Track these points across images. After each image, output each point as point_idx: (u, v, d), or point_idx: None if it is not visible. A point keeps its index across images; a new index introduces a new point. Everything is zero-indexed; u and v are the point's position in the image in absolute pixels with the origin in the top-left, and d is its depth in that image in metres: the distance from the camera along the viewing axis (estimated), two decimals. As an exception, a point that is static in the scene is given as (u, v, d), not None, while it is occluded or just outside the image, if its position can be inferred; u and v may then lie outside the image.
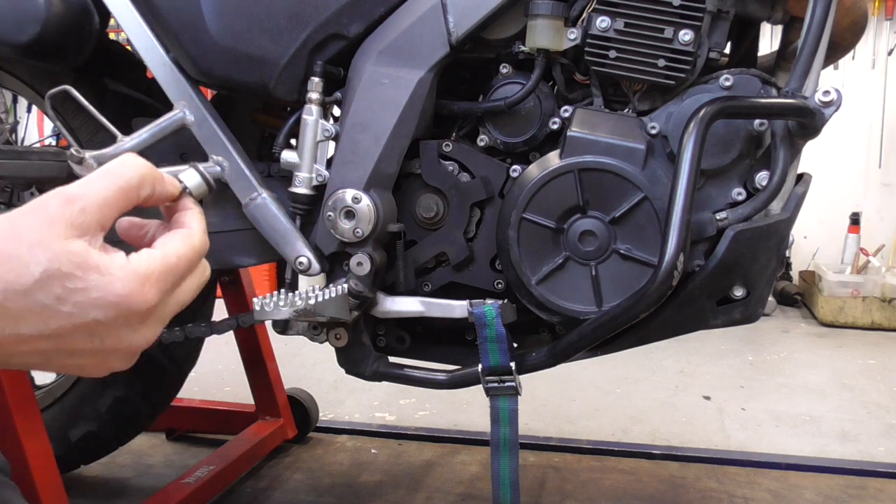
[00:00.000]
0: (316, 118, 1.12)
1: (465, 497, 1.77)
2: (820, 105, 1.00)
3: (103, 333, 0.47)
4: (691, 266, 1.06)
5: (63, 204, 0.46)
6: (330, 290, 1.08)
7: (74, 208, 0.46)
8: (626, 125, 1.06)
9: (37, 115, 3.62)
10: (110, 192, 0.48)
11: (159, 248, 0.50)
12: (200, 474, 1.68)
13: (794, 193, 1.07)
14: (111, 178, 0.48)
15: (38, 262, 0.44)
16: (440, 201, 1.14)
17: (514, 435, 1.11)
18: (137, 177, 0.50)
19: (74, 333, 0.46)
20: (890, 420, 2.38)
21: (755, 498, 1.78)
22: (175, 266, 0.50)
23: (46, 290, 0.44)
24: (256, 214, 1.16)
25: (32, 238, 0.44)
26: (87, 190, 0.47)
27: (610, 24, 1.03)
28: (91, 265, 0.45)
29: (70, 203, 0.46)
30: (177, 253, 0.50)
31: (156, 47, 1.17)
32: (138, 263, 0.48)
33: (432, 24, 1.08)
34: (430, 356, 1.24)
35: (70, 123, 1.29)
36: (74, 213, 0.46)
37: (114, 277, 0.46)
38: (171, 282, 0.50)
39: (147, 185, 0.51)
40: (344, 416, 2.33)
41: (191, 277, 0.52)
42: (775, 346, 3.31)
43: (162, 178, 0.53)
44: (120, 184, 0.48)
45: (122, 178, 0.49)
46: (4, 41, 1.17)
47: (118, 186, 0.48)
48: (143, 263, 0.48)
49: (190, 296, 0.52)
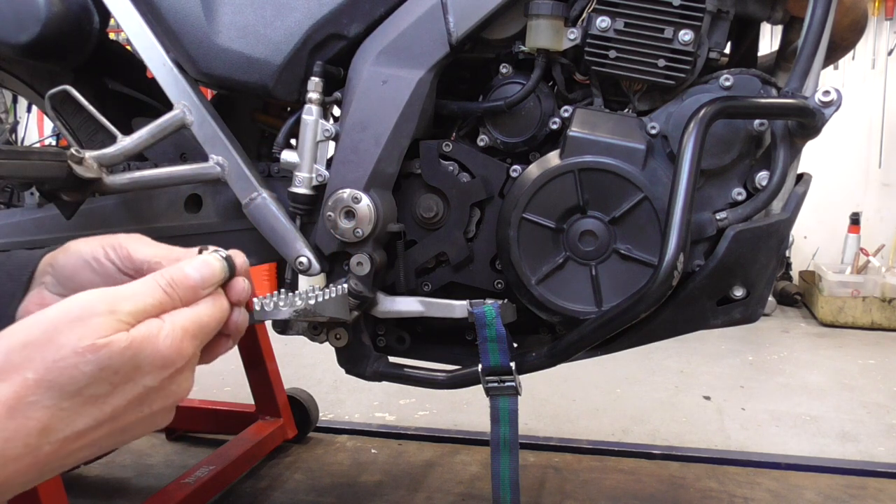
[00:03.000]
0: (316, 118, 1.12)
1: (465, 497, 1.77)
2: (820, 105, 1.00)
3: (153, 398, 0.50)
4: (691, 266, 1.06)
5: (107, 313, 0.47)
6: (330, 290, 1.07)
7: (112, 317, 0.47)
8: (626, 125, 1.06)
9: (37, 115, 3.63)
10: (146, 300, 0.50)
11: (194, 307, 0.53)
12: (200, 474, 1.68)
13: (794, 193, 1.07)
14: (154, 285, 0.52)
15: (88, 363, 0.45)
16: (440, 201, 1.14)
17: (514, 435, 1.11)
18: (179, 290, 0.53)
19: (128, 409, 0.49)
20: (890, 420, 2.38)
21: (755, 498, 1.78)
22: (207, 324, 0.53)
23: (100, 383, 0.46)
24: (256, 214, 1.16)
25: (76, 342, 0.46)
26: (119, 297, 0.49)
27: (610, 24, 1.03)
28: (136, 347, 0.47)
29: (109, 313, 0.47)
30: (210, 313, 0.54)
31: (156, 47, 1.17)
32: (174, 321, 0.51)
33: (432, 24, 1.08)
34: (430, 356, 1.24)
35: (70, 123, 1.29)
36: (112, 321, 0.47)
37: (158, 344, 0.49)
38: (204, 335, 0.53)
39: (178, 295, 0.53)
40: (344, 416, 2.33)
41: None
42: (775, 346, 3.31)
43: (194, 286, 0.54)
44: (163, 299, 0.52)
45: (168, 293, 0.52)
46: (4, 41, 1.17)
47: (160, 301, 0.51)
48: (178, 320, 0.51)
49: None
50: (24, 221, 1.30)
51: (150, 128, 1.16)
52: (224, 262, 0.56)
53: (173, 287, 0.52)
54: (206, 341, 0.53)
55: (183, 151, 1.27)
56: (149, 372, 0.48)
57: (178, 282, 0.52)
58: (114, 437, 0.49)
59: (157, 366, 0.49)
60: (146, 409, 0.50)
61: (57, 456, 0.46)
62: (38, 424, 0.44)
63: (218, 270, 0.55)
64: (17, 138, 3.17)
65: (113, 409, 0.47)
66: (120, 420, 0.48)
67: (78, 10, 1.21)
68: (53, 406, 0.45)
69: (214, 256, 0.56)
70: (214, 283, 0.54)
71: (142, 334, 0.48)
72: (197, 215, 1.24)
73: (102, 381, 0.46)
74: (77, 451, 0.47)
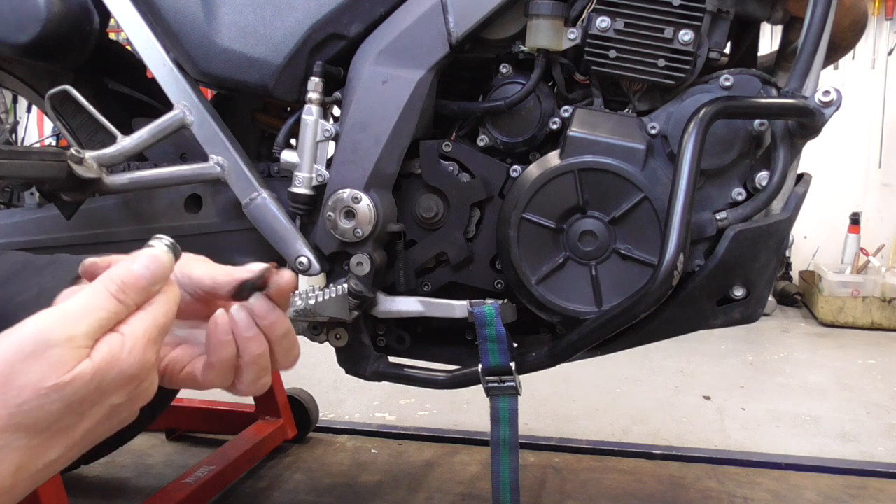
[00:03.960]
0: (316, 118, 1.12)
1: (465, 497, 1.77)
2: (820, 105, 1.00)
3: (121, 410, 0.49)
4: (691, 266, 1.06)
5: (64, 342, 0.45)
6: (330, 290, 1.08)
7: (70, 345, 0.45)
8: (626, 125, 1.06)
9: (37, 115, 3.62)
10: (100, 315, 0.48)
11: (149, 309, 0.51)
12: (200, 474, 1.68)
13: (794, 193, 1.07)
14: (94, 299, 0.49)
15: (54, 402, 0.44)
16: (440, 201, 1.14)
17: (514, 435, 1.11)
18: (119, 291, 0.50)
19: (98, 427, 0.48)
20: (890, 420, 2.38)
21: (755, 498, 1.78)
22: (164, 324, 0.51)
23: (69, 416, 0.46)
24: (256, 214, 1.16)
25: (37, 382, 0.44)
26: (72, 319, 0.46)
27: (610, 24, 1.03)
28: (100, 374, 0.46)
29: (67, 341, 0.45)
30: (164, 311, 0.51)
31: (156, 47, 1.17)
32: (134, 333, 0.49)
33: (432, 24, 1.08)
34: (430, 356, 1.24)
35: (70, 123, 1.29)
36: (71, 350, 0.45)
37: (122, 363, 0.47)
38: (162, 336, 0.51)
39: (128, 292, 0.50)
40: (344, 416, 2.33)
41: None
42: (775, 346, 3.31)
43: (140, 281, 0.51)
44: (108, 306, 0.49)
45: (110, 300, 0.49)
46: (4, 41, 1.17)
47: (106, 309, 0.48)
48: (138, 331, 0.49)
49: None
50: (24, 221, 1.30)
51: (150, 128, 1.16)
52: (170, 252, 0.53)
53: (124, 292, 0.49)
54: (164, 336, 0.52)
55: (183, 151, 1.27)
56: (115, 392, 0.48)
57: (129, 285, 0.50)
58: (82, 449, 0.49)
59: (124, 384, 0.48)
60: (115, 420, 0.50)
61: (32, 483, 0.46)
62: (10, 467, 0.44)
63: (167, 264, 0.52)
64: (17, 138, 3.17)
65: (83, 433, 0.47)
66: (89, 437, 0.48)
67: (78, 11, 1.21)
68: (24, 446, 0.44)
69: (160, 248, 0.53)
70: (165, 278, 0.52)
71: (104, 359, 0.46)
72: (197, 215, 1.24)
73: (71, 414, 0.46)
74: (50, 474, 0.47)
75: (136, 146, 1.16)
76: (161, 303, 0.51)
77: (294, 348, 0.60)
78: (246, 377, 0.58)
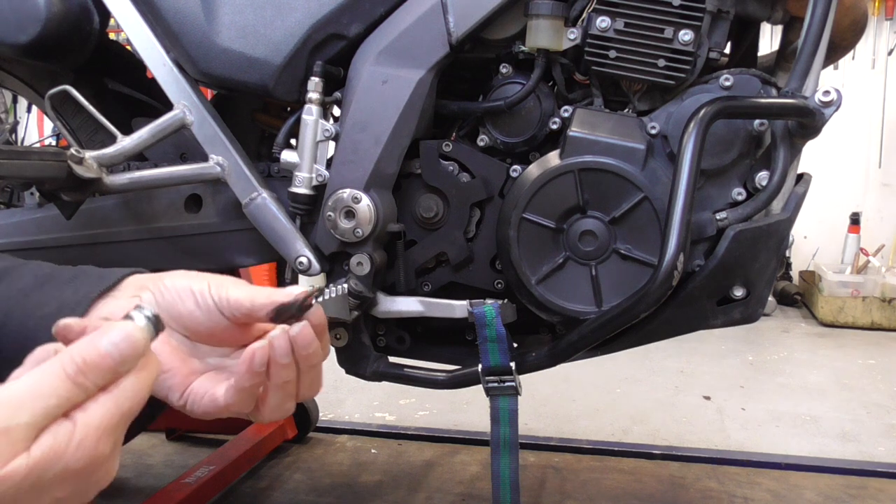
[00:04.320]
0: (316, 118, 1.12)
1: (465, 497, 1.77)
2: (820, 105, 1.00)
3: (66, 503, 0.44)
4: (691, 266, 1.06)
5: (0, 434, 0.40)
6: (330, 290, 1.08)
7: (6, 439, 0.40)
8: (626, 125, 1.06)
9: (37, 115, 3.62)
10: (49, 402, 0.42)
11: (113, 393, 0.44)
12: (200, 474, 1.68)
13: (794, 193, 1.07)
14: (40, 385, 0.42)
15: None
16: (440, 201, 1.14)
17: (514, 435, 1.11)
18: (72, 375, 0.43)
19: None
20: (890, 420, 2.38)
21: (755, 498, 1.78)
22: (129, 410, 0.45)
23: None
24: (256, 214, 1.16)
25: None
26: (15, 405, 0.41)
27: (610, 24, 1.03)
28: (38, 470, 0.40)
29: (2, 434, 0.40)
30: (130, 396, 0.45)
31: (156, 47, 1.17)
32: (88, 423, 0.42)
33: (432, 24, 1.08)
34: (430, 356, 1.24)
35: (70, 123, 1.29)
36: (6, 445, 0.40)
37: (67, 458, 0.41)
38: (125, 424, 0.45)
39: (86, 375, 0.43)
40: (344, 416, 2.33)
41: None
42: (775, 346, 3.31)
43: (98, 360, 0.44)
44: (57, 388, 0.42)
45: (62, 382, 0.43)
46: (4, 41, 1.17)
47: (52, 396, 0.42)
48: (93, 420, 0.43)
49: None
50: (24, 221, 1.29)
51: (150, 128, 1.16)
52: (149, 327, 0.46)
53: (84, 374, 0.43)
54: (129, 422, 0.45)
55: (183, 151, 1.27)
56: (57, 486, 0.42)
57: (91, 365, 0.43)
58: None
59: (68, 479, 0.42)
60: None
61: None
62: None
63: (140, 344, 0.45)
64: (17, 138, 3.17)
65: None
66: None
67: (78, 11, 1.21)
68: None
69: (137, 324, 0.46)
70: (135, 358, 0.45)
71: (44, 455, 0.40)
72: (197, 215, 1.24)
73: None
74: None
75: (136, 146, 1.15)
76: (128, 386, 0.45)
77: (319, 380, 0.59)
78: (271, 402, 0.56)
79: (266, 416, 0.57)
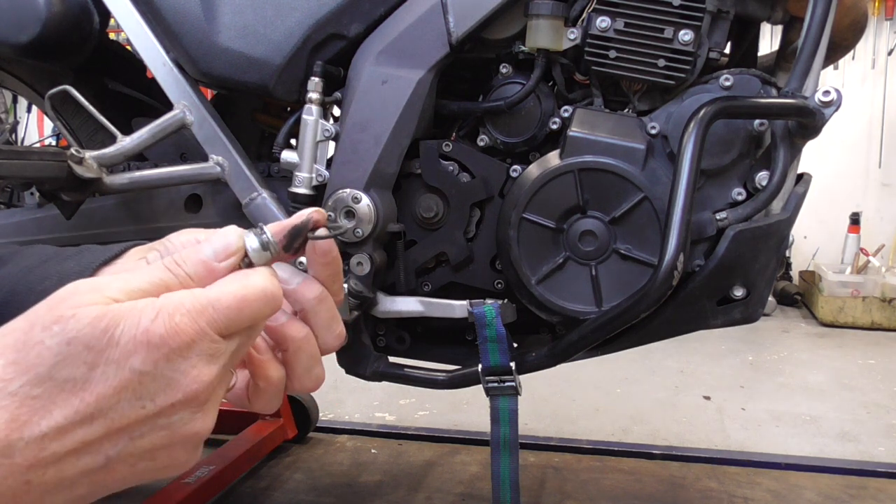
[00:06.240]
0: (316, 118, 1.12)
1: (465, 497, 1.77)
2: (820, 105, 1.00)
3: (150, 389, 0.40)
4: (691, 266, 1.06)
5: (89, 291, 0.40)
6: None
7: (94, 294, 0.40)
8: (626, 125, 1.06)
9: (37, 115, 3.63)
10: (141, 278, 0.42)
11: (211, 288, 0.43)
12: (200, 474, 1.68)
13: (794, 193, 1.07)
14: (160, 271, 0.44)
15: (53, 335, 0.38)
16: (440, 201, 1.14)
17: (514, 435, 1.11)
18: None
19: (120, 401, 0.40)
20: (890, 420, 2.38)
21: (755, 498, 1.78)
22: (220, 301, 0.42)
23: (72, 362, 0.38)
24: (256, 214, 1.16)
25: (44, 316, 0.39)
26: (107, 280, 0.42)
27: (610, 24, 1.03)
28: (110, 317, 0.39)
29: (91, 291, 0.40)
30: (231, 295, 0.42)
31: (156, 47, 1.17)
32: (171, 300, 0.41)
33: (432, 24, 1.08)
34: (430, 356, 1.24)
35: (70, 123, 1.29)
36: (93, 297, 0.40)
37: (141, 316, 0.40)
38: (221, 316, 0.42)
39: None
40: (344, 416, 2.33)
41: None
42: (775, 346, 3.31)
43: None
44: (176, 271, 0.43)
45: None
46: (4, 41, 1.17)
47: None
48: (176, 295, 0.42)
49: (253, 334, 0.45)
50: (24, 221, 1.30)
51: (150, 128, 1.16)
52: (253, 237, 0.46)
53: (178, 264, 0.43)
54: (231, 326, 0.42)
55: (183, 151, 1.27)
56: (132, 351, 0.39)
57: (187, 257, 0.44)
58: (116, 442, 0.40)
59: (142, 342, 0.39)
60: (147, 402, 0.40)
61: (41, 464, 0.38)
62: (4, 413, 0.37)
63: (234, 241, 0.45)
64: (17, 138, 3.17)
65: (97, 399, 0.39)
66: (113, 416, 0.39)
67: (78, 10, 1.21)
68: (21, 392, 0.38)
69: (233, 229, 0.46)
70: (230, 255, 0.44)
71: (121, 306, 0.40)
72: (197, 215, 1.24)
73: (73, 359, 0.38)
74: (69, 458, 0.39)
75: (136, 146, 1.16)
76: (226, 280, 0.43)
77: (340, 326, 0.53)
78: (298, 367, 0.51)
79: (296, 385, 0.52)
